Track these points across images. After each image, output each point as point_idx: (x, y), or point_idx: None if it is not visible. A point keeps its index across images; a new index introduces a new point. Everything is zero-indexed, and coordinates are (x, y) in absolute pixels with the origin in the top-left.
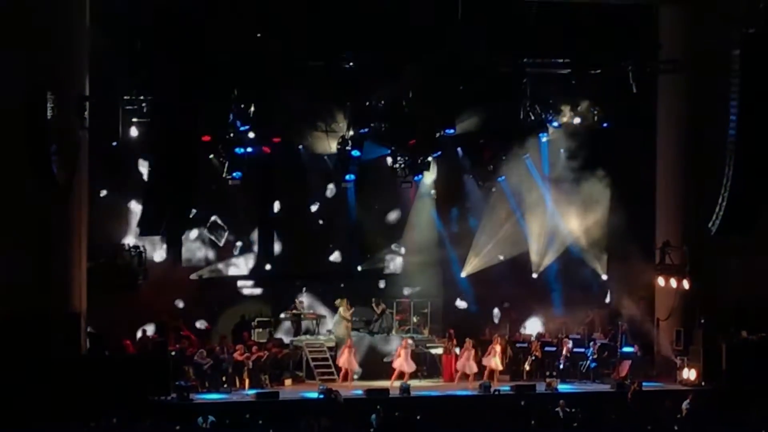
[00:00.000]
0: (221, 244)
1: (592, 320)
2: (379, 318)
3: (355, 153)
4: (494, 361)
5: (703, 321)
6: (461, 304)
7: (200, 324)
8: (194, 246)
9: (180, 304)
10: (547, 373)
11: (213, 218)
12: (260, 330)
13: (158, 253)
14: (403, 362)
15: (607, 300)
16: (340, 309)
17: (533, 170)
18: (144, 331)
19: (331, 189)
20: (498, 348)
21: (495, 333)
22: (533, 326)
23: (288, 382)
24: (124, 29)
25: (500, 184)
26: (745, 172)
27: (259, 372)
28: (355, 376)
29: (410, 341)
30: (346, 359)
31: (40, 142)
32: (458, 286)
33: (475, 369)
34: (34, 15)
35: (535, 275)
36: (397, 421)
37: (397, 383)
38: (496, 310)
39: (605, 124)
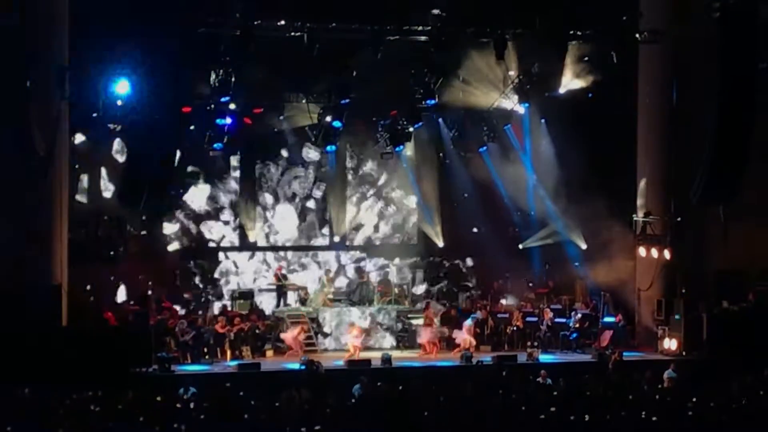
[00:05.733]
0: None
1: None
2: (359, 286)
3: (336, 124)
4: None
5: (684, 291)
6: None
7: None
8: (175, 217)
9: (160, 276)
10: (528, 344)
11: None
12: (242, 301)
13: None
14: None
15: (587, 270)
16: (324, 280)
17: (514, 139)
18: (125, 303)
19: (312, 158)
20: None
21: (477, 303)
22: (515, 296)
23: (269, 353)
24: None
25: (482, 154)
26: (726, 141)
27: (241, 343)
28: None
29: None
30: (293, 336)
31: (20, 114)
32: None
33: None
34: None
35: (521, 246)
36: (380, 392)
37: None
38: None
39: (589, 94)
